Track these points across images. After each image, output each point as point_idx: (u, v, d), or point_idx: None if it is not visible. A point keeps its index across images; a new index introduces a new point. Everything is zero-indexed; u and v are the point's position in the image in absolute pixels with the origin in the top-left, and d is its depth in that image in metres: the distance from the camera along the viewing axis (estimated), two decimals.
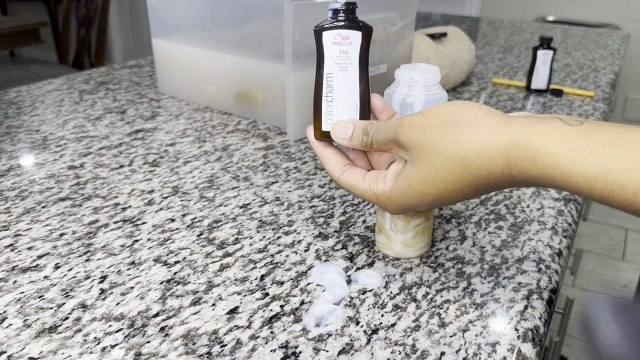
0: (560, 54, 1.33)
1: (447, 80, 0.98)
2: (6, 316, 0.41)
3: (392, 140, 0.39)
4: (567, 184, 0.32)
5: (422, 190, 0.38)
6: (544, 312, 0.43)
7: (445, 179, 0.36)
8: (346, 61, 0.42)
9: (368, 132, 0.41)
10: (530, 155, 0.33)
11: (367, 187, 0.41)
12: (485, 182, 0.36)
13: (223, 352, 0.38)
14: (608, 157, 0.31)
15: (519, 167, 0.34)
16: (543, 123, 0.34)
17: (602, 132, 0.32)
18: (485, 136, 0.35)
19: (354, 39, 0.42)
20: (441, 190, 0.37)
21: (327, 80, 0.43)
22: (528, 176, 0.34)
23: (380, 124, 0.41)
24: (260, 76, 0.80)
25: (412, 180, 0.38)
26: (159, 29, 0.92)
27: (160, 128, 0.79)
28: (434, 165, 0.37)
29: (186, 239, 0.52)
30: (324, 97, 0.43)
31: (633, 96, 2.44)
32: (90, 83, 1.01)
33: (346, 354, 0.38)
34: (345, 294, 0.44)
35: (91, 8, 2.32)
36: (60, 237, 0.52)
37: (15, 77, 2.05)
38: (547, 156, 0.32)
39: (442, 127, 0.36)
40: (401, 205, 0.40)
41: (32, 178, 0.63)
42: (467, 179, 0.36)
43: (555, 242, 0.52)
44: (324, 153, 0.44)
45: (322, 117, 0.43)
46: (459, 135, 0.35)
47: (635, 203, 0.31)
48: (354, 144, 0.42)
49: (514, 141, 0.34)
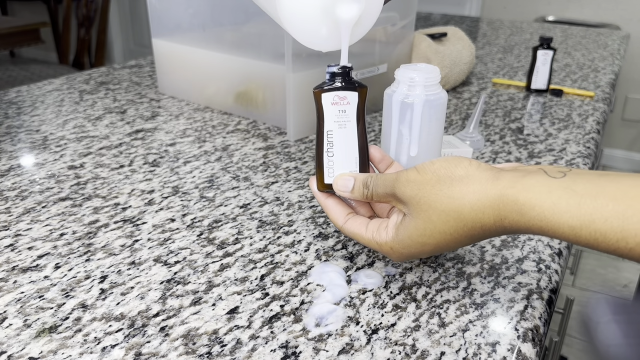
0: (560, 54, 1.33)
1: (447, 80, 0.98)
2: (6, 316, 0.41)
3: (390, 194, 0.42)
4: (554, 233, 0.35)
5: (422, 241, 0.40)
6: (544, 312, 0.43)
7: (443, 231, 0.39)
8: (344, 119, 0.45)
9: (368, 186, 0.44)
10: (518, 209, 0.35)
11: (370, 236, 0.43)
12: (480, 232, 0.38)
13: (223, 352, 0.38)
14: (589, 207, 0.33)
15: (509, 219, 0.36)
16: (528, 177, 0.36)
17: (583, 183, 0.34)
18: (477, 192, 0.37)
19: (351, 98, 0.44)
20: (440, 240, 0.39)
21: (327, 137, 0.45)
22: (518, 226, 0.36)
23: (379, 177, 0.43)
24: (260, 76, 0.80)
25: (411, 232, 0.40)
26: (159, 29, 0.92)
27: (160, 128, 0.79)
28: (431, 218, 0.39)
29: (186, 239, 0.52)
30: (325, 153, 0.46)
31: (633, 96, 2.44)
32: (90, 83, 1.01)
33: (346, 354, 0.38)
34: (345, 293, 0.44)
35: (91, 8, 2.32)
36: (60, 237, 0.52)
37: (15, 77, 2.05)
38: (534, 209, 0.35)
39: (435, 183, 0.39)
40: (403, 255, 0.42)
41: (33, 178, 0.63)
42: (463, 230, 0.38)
43: (555, 242, 0.52)
44: (327, 203, 0.47)
45: (324, 171, 0.46)
46: (452, 191, 0.38)
47: (619, 249, 0.33)
48: (356, 196, 0.45)
49: (502, 196, 0.36)
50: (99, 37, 2.33)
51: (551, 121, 0.87)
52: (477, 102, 0.95)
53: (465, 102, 0.95)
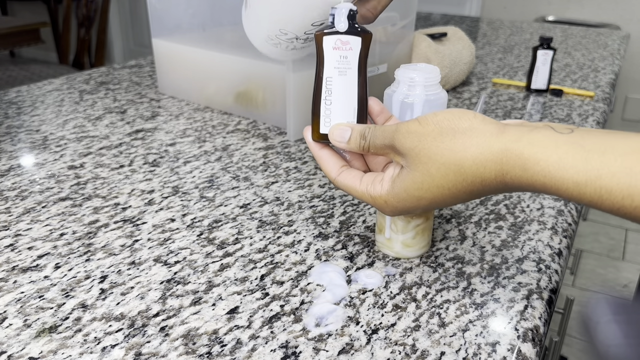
0: (560, 54, 1.33)
1: (447, 80, 0.98)
2: (6, 316, 0.41)
3: (388, 145, 0.40)
4: (557, 190, 0.33)
5: (418, 195, 0.39)
6: (544, 312, 0.43)
7: (441, 185, 0.38)
8: (345, 66, 0.43)
9: (365, 137, 0.42)
10: (522, 164, 0.34)
11: (364, 189, 0.42)
12: (479, 187, 0.37)
13: (223, 352, 0.38)
14: (596, 163, 0.32)
15: (511, 175, 0.35)
16: (534, 132, 0.35)
17: (591, 139, 0.33)
18: (480, 145, 0.36)
19: (354, 44, 0.42)
20: (436, 195, 0.38)
21: (326, 84, 0.43)
22: (520, 182, 0.35)
23: (378, 128, 0.42)
24: (260, 76, 0.80)
25: (408, 185, 0.39)
26: (159, 29, 0.92)
27: (160, 128, 0.79)
28: (430, 171, 0.38)
29: (186, 238, 0.52)
30: (322, 100, 0.44)
31: (633, 96, 2.44)
32: (90, 83, 1.01)
33: (346, 353, 0.38)
34: (345, 293, 0.44)
35: (91, 8, 2.32)
36: (60, 237, 0.52)
37: (15, 77, 2.05)
38: (538, 164, 0.33)
39: (437, 135, 0.37)
40: (397, 209, 0.41)
41: (32, 178, 0.63)
42: (462, 185, 0.37)
43: (555, 242, 0.52)
44: (321, 154, 0.45)
45: (320, 120, 0.44)
46: (454, 144, 0.37)
47: (624, 207, 0.31)
48: (352, 147, 0.43)
49: (506, 150, 0.35)
50: (99, 37, 2.33)
51: (551, 121, 0.87)
52: (477, 102, 0.95)
53: (465, 102, 0.95)
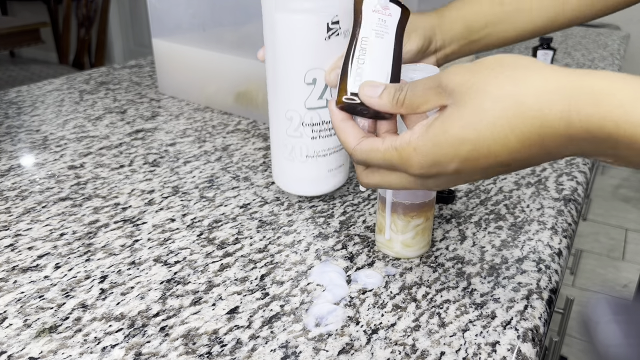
0: (560, 54, 1.33)
1: None
2: (6, 316, 0.41)
3: (433, 87, 0.35)
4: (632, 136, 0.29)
5: (462, 136, 0.32)
6: (544, 312, 0.43)
7: (492, 123, 0.31)
8: (383, 29, 0.41)
9: (402, 88, 0.37)
10: (594, 99, 0.29)
11: (388, 144, 0.37)
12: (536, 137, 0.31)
13: (223, 352, 0.38)
14: None
15: (581, 114, 0.30)
16: (602, 71, 0.31)
17: None
18: (546, 77, 0.31)
19: (394, 11, 0.41)
20: (482, 138, 0.32)
21: (361, 43, 0.41)
22: (588, 125, 0.30)
23: (418, 81, 0.37)
24: (260, 76, 0.80)
25: (450, 124, 0.33)
26: (159, 29, 0.92)
27: (160, 128, 0.79)
28: (483, 106, 0.32)
29: (186, 238, 0.52)
30: (355, 59, 0.41)
31: None
32: (90, 83, 1.01)
33: (346, 353, 0.38)
34: (345, 293, 0.44)
35: (91, 8, 2.32)
36: (60, 237, 0.52)
37: (15, 77, 2.05)
38: (614, 96, 0.29)
39: (497, 66, 0.33)
40: (428, 158, 0.34)
41: (33, 178, 0.63)
42: (519, 130, 0.31)
43: (555, 242, 0.52)
44: (342, 125, 0.41)
45: (349, 79, 0.41)
46: (515, 74, 0.32)
47: None
48: (383, 103, 0.38)
49: (575, 82, 0.30)
50: (99, 37, 2.33)
51: None
52: None
53: None
